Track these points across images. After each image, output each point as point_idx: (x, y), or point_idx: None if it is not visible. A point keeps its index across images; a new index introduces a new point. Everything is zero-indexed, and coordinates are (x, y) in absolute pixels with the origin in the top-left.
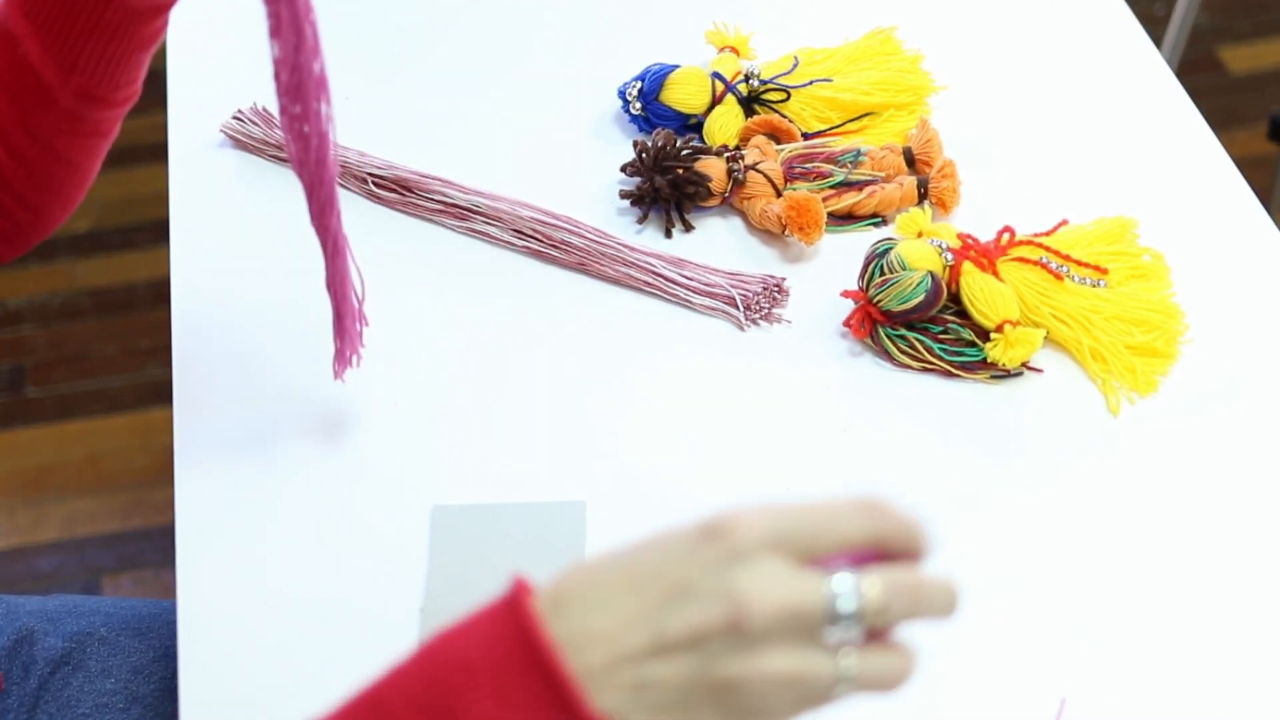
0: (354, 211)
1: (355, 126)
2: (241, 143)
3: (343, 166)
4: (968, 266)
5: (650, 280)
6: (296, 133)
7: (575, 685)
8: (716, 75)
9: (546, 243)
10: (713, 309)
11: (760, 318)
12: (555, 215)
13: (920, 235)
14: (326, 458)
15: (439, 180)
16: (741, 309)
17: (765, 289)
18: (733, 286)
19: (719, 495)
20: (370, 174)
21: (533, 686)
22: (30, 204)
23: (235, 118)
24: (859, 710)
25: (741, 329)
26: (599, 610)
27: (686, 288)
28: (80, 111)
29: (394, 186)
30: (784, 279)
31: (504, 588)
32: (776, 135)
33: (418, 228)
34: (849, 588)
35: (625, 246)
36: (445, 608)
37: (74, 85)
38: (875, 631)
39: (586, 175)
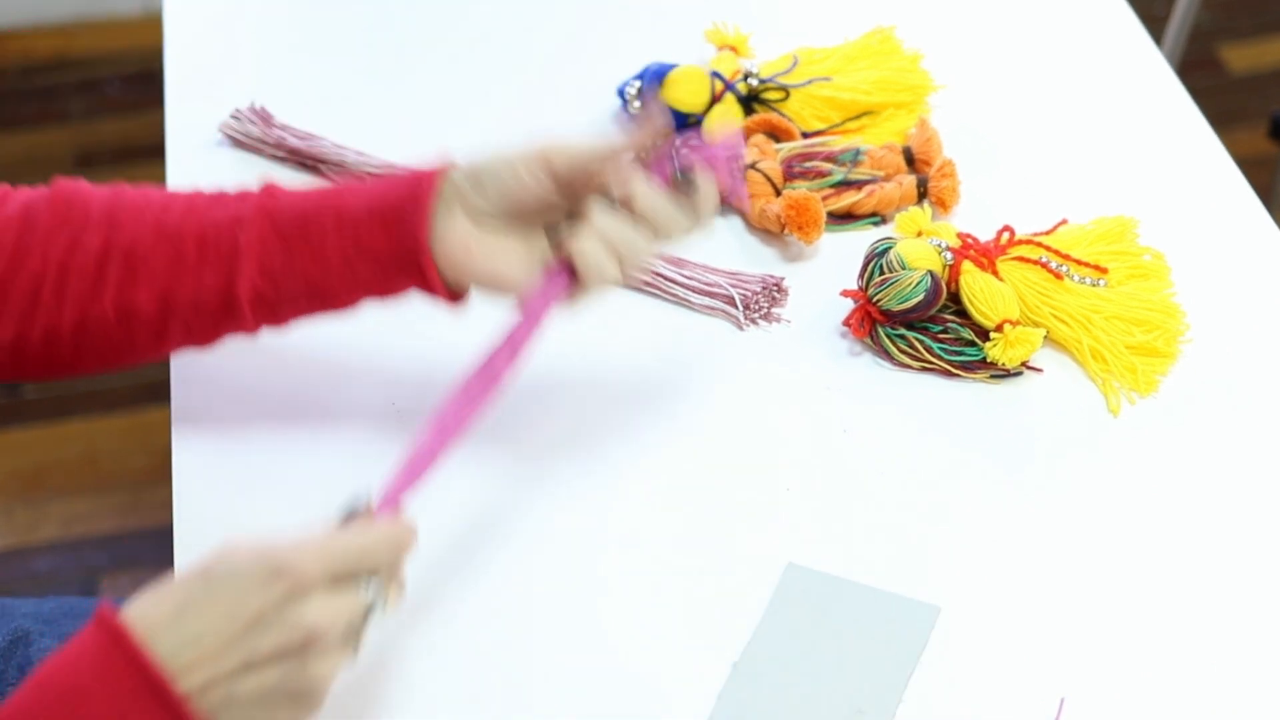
0: None
1: (355, 125)
2: (240, 142)
3: (340, 165)
4: (967, 266)
5: (649, 280)
6: (459, 404)
7: (186, 705)
8: (716, 74)
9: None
10: (712, 309)
11: (760, 317)
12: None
13: (920, 234)
14: (325, 457)
15: None
16: (741, 308)
17: (764, 288)
18: (732, 286)
19: (718, 494)
20: (368, 175)
21: (148, 708)
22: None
23: (234, 117)
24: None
25: (740, 328)
26: (194, 637)
27: (686, 287)
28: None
29: None
30: (783, 278)
31: (94, 617)
32: (776, 134)
33: None
34: (375, 590)
35: None
36: (762, 661)
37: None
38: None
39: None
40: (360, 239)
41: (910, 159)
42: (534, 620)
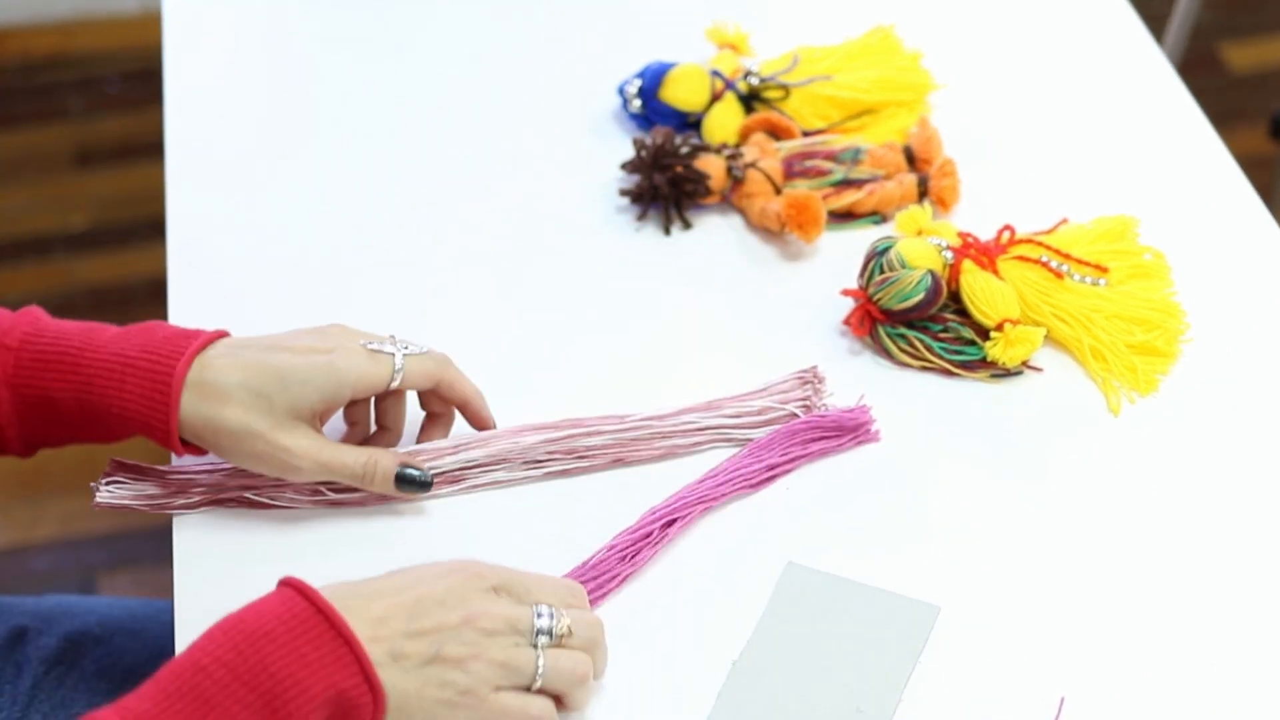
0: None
1: (355, 124)
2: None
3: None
4: (968, 265)
5: (698, 439)
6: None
7: (360, 639)
8: (716, 73)
9: (568, 458)
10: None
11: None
12: (562, 424)
13: (920, 233)
14: None
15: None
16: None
17: (803, 383)
18: (781, 402)
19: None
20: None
21: (325, 643)
22: None
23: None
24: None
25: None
26: (369, 604)
27: (738, 426)
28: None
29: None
30: (815, 365)
31: (280, 584)
32: (776, 133)
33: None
34: (548, 613)
35: (654, 419)
36: (762, 660)
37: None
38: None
39: (586, 173)
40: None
41: (911, 158)
42: None
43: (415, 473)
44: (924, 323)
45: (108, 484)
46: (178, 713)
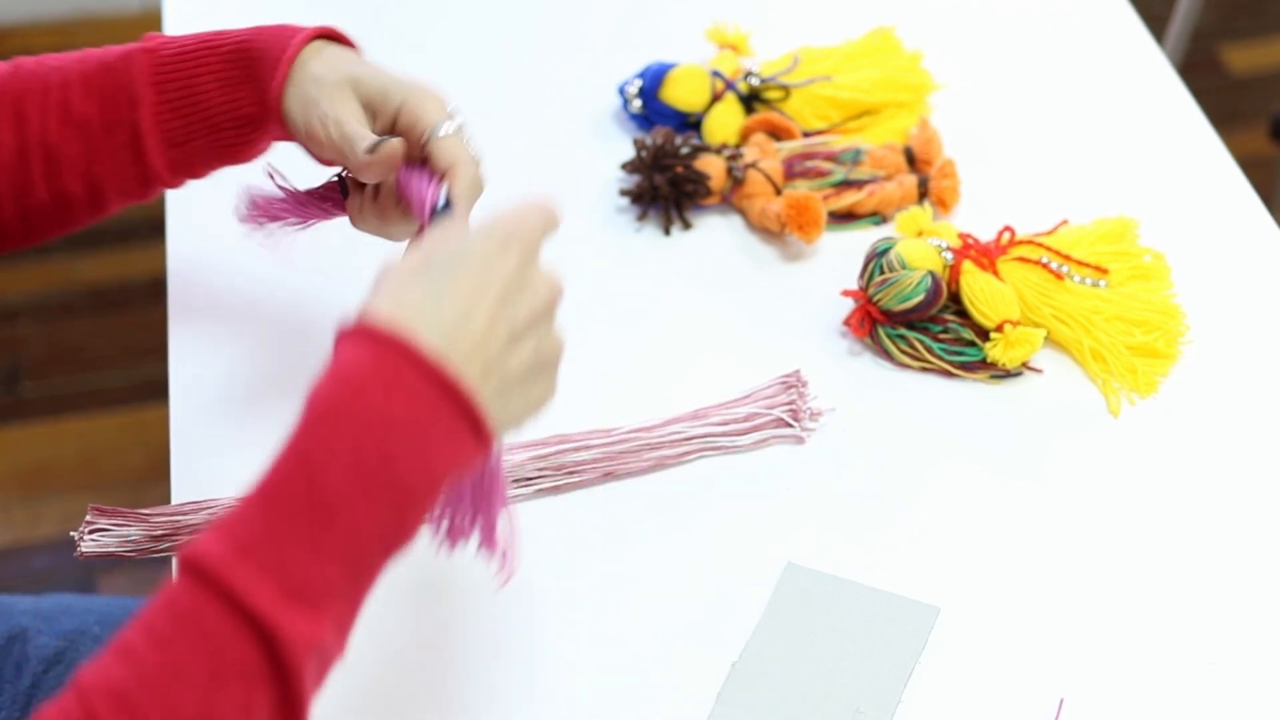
0: None
1: None
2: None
3: None
4: (968, 266)
5: (686, 449)
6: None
7: (480, 404)
8: (716, 73)
9: (558, 474)
10: (764, 440)
11: (809, 418)
12: (551, 440)
13: (920, 234)
14: None
15: None
16: (797, 424)
17: (786, 387)
18: (767, 408)
19: (718, 494)
20: None
21: (450, 419)
22: (33, 234)
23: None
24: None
25: (802, 442)
26: (460, 323)
27: (725, 434)
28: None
29: None
30: (798, 370)
31: (354, 335)
32: (776, 133)
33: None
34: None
35: (642, 430)
36: (762, 661)
37: (171, 179)
38: None
39: (586, 173)
40: (227, 66)
41: (911, 159)
42: (533, 619)
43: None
44: (924, 324)
45: (91, 533)
46: (294, 529)
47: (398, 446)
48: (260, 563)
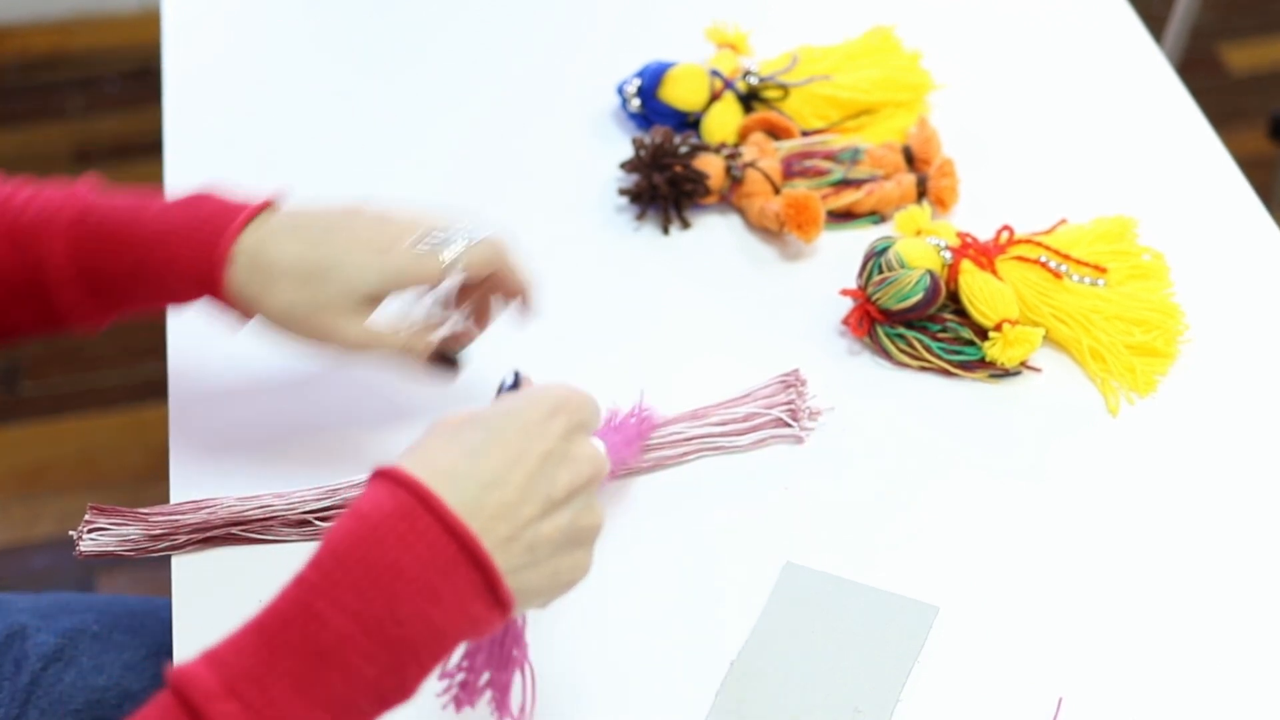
0: None
1: (353, 123)
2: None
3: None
4: (967, 265)
5: (685, 449)
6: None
7: (499, 570)
8: (715, 72)
9: None
10: (763, 439)
11: (808, 417)
12: None
13: (919, 233)
14: (320, 454)
15: None
16: (795, 424)
17: (785, 387)
18: (766, 408)
19: (716, 493)
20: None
21: (460, 574)
22: None
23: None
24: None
25: (801, 441)
26: (491, 486)
27: (725, 434)
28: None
29: None
30: (796, 369)
31: (381, 477)
32: (775, 132)
33: None
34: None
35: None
36: (761, 660)
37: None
38: None
39: (585, 172)
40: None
41: (910, 158)
42: (532, 618)
43: (453, 355)
44: (923, 323)
45: (90, 532)
46: (288, 671)
47: (405, 602)
48: (245, 702)
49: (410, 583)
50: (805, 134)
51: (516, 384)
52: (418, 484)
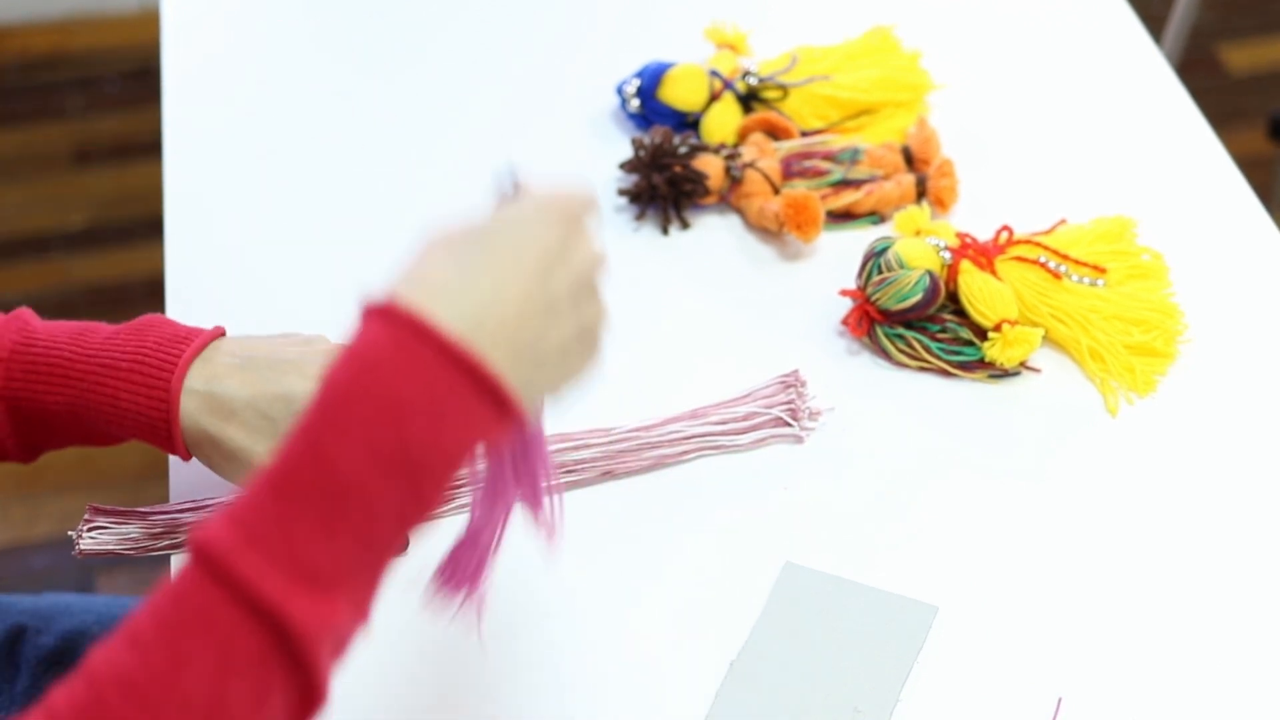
0: None
1: (353, 122)
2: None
3: None
4: (966, 265)
5: (685, 448)
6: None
7: (506, 388)
8: (714, 73)
9: (556, 473)
10: (763, 439)
11: (807, 417)
12: (549, 439)
13: (918, 234)
14: None
15: None
16: (795, 424)
17: (785, 387)
18: (765, 407)
19: (716, 493)
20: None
21: (469, 399)
22: None
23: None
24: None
25: (801, 441)
26: (488, 300)
27: (725, 433)
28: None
29: None
30: (796, 369)
31: (375, 306)
32: (774, 133)
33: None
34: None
35: (641, 429)
36: (760, 660)
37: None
38: None
39: (584, 172)
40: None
41: (909, 158)
42: (532, 618)
43: None
44: (922, 323)
45: (89, 531)
46: (304, 513)
47: (411, 428)
48: (269, 549)
49: (413, 411)
50: (805, 134)
51: (515, 189)
52: (409, 316)
